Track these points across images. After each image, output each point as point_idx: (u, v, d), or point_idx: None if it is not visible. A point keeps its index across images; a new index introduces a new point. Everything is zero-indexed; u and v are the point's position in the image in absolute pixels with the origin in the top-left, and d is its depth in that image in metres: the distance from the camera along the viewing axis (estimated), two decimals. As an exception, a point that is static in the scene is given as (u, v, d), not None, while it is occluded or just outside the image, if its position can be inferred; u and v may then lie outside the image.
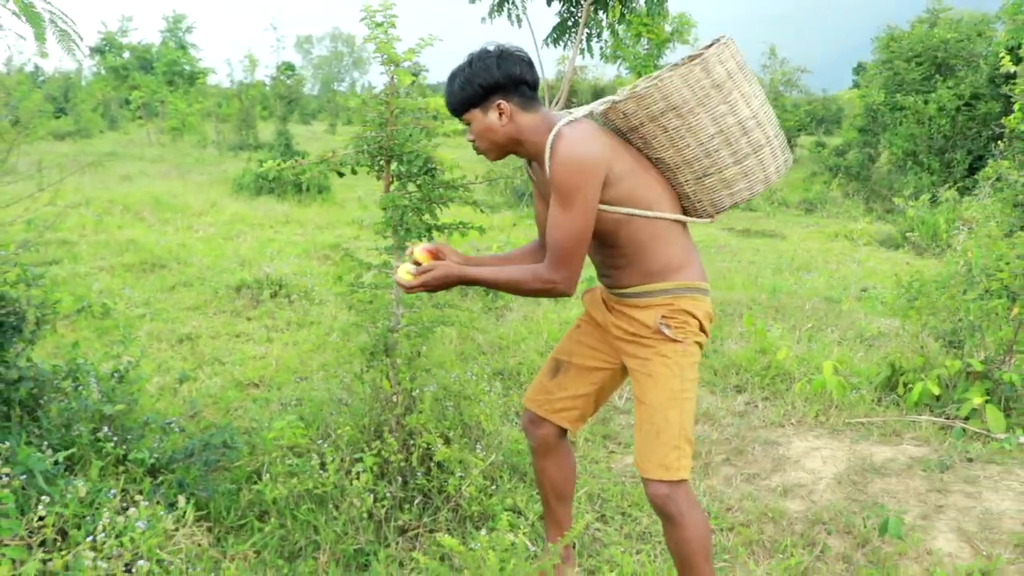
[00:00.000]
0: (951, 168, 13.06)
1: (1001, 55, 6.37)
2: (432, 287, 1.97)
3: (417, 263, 2.03)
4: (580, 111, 1.98)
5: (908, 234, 9.47)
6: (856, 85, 22.09)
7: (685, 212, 2.06)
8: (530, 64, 1.92)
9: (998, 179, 6.57)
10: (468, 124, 1.99)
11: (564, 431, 2.34)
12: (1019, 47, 10.20)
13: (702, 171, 1.96)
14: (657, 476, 1.97)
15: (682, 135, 1.92)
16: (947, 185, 12.28)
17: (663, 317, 1.98)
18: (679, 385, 1.97)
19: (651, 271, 1.99)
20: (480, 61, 1.90)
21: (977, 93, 12.99)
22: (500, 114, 1.92)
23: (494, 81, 1.89)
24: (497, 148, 1.99)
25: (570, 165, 1.83)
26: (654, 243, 1.97)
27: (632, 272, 2.02)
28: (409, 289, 1.98)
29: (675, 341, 1.98)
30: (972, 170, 12.46)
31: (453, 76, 1.95)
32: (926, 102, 13.47)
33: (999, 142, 7.52)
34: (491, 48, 1.92)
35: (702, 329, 2.03)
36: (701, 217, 2.07)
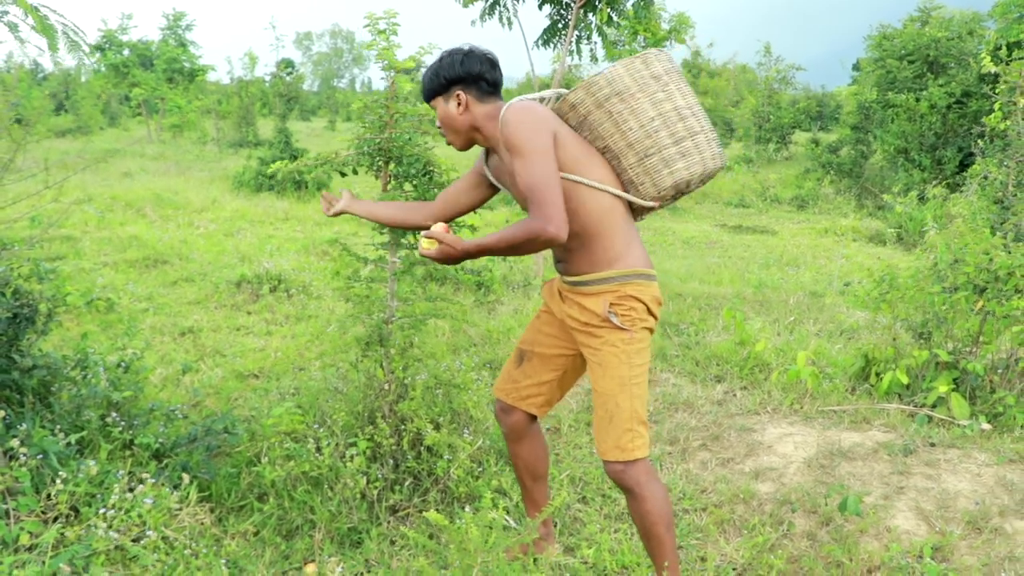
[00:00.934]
0: (942, 165, 13.18)
1: (981, 56, 6.51)
2: (439, 258, 2.10)
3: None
4: (529, 96, 2.21)
5: (892, 230, 9.63)
6: (855, 82, 22.18)
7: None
8: (493, 65, 2.19)
9: (985, 177, 6.73)
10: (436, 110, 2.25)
11: (533, 417, 2.51)
12: (1000, 48, 10.33)
13: (644, 152, 2.16)
14: (613, 457, 2.14)
15: (625, 118, 2.14)
16: (937, 182, 12.43)
17: (611, 304, 2.13)
18: (628, 372, 2.13)
19: (598, 259, 2.15)
20: (448, 57, 2.18)
21: (968, 91, 13.10)
22: (458, 103, 2.17)
23: (455, 75, 2.16)
24: (459, 135, 2.23)
25: (519, 122, 2.05)
26: (601, 225, 2.13)
27: (582, 257, 2.17)
28: (428, 256, 2.11)
29: (623, 330, 2.13)
30: (963, 167, 12.58)
31: (427, 69, 2.23)
32: (918, 100, 13.60)
33: (980, 140, 7.67)
34: (462, 48, 2.19)
35: (650, 313, 2.18)
36: (644, 200, 2.23)
